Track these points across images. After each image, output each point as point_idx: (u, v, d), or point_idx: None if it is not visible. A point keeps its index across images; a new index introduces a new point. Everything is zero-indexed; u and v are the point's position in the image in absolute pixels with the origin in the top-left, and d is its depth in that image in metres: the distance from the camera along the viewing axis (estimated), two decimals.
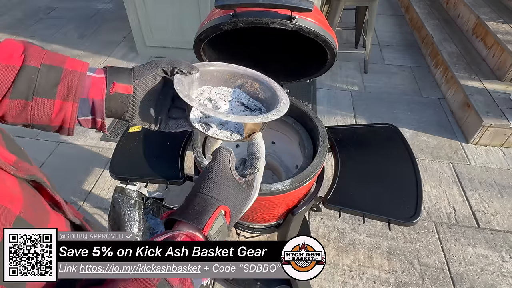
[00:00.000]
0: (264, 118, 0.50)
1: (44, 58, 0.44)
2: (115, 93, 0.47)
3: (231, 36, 0.92)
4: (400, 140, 1.05)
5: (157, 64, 0.50)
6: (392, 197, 0.89)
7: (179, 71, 0.50)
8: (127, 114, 0.49)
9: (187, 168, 1.05)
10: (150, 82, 0.50)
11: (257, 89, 0.59)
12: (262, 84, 0.59)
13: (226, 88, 0.59)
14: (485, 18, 2.48)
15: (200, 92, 0.57)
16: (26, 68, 0.42)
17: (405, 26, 3.43)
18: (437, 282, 1.38)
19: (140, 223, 0.92)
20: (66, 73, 0.45)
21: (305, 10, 0.73)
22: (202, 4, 2.43)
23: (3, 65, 0.42)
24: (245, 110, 0.57)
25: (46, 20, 3.56)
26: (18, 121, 0.45)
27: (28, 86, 0.42)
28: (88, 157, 1.97)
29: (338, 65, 2.78)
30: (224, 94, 0.58)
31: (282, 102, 0.55)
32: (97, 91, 0.46)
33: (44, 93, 0.43)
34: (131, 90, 0.48)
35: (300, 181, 0.77)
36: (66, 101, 0.45)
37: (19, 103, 0.43)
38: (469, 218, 1.61)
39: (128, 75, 0.48)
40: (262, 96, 0.59)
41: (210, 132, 0.52)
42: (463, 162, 1.91)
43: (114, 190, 0.93)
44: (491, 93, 2.10)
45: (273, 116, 0.51)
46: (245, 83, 0.60)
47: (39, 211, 0.35)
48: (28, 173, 0.34)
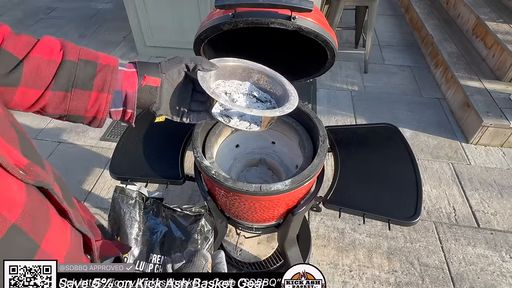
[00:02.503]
0: (281, 111, 0.56)
1: (81, 53, 0.48)
2: (145, 85, 0.51)
3: (231, 36, 0.92)
4: (400, 140, 1.05)
5: (182, 60, 0.54)
6: (392, 197, 0.89)
7: (201, 68, 0.54)
8: (154, 105, 0.53)
9: (187, 168, 1.05)
10: (176, 76, 0.54)
11: (266, 82, 0.65)
12: (271, 78, 0.64)
13: (237, 82, 0.64)
14: (485, 18, 2.48)
15: (216, 86, 0.62)
16: (66, 63, 0.46)
17: (405, 26, 3.43)
18: (437, 282, 1.38)
19: (140, 223, 0.92)
20: (101, 67, 0.48)
21: (305, 10, 0.73)
22: (202, 4, 2.43)
23: (45, 60, 0.44)
24: (257, 102, 0.63)
25: (46, 20, 3.56)
26: (57, 112, 0.48)
27: (68, 79, 0.46)
28: (88, 157, 1.97)
29: (338, 65, 2.78)
30: (236, 87, 0.63)
31: (292, 96, 0.60)
32: (130, 83, 0.50)
33: (82, 85, 0.47)
34: (159, 83, 0.52)
35: (300, 181, 0.77)
36: (102, 93, 0.48)
37: (60, 95, 0.46)
38: (469, 218, 1.61)
39: (156, 69, 0.52)
40: (271, 89, 0.65)
41: (231, 124, 0.57)
42: (463, 162, 1.91)
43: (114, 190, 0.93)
44: (491, 93, 2.10)
45: (287, 109, 0.57)
46: (255, 76, 0.65)
47: (39, 219, 0.34)
48: (37, 179, 0.35)
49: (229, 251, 1.33)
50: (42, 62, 0.44)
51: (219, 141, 1.03)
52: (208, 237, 0.92)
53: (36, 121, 2.22)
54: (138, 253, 0.90)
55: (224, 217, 1.01)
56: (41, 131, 2.16)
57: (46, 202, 0.37)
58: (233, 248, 1.33)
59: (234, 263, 1.31)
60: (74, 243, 0.42)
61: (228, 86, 0.63)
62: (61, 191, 0.41)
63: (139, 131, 1.10)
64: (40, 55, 0.44)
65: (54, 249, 0.36)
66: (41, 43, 0.45)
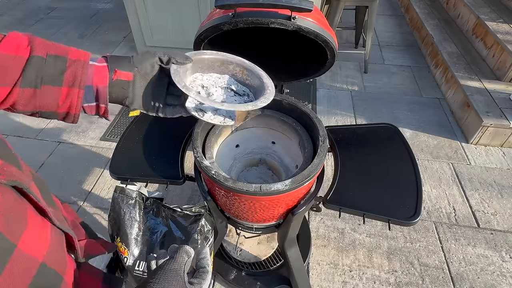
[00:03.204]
0: (253, 105, 0.56)
1: (49, 48, 0.47)
2: (117, 79, 0.50)
3: (231, 36, 0.92)
4: (400, 140, 1.05)
5: (155, 53, 0.53)
6: (392, 197, 0.89)
7: (175, 61, 0.54)
8: (127, 99, 0.53)
9: (187, 168, 1.05)
10: (149, 69, 0.53)
11: (245, 75, 0.64)
12: (250, 71, 0.64)
13: (216, 75, 0.64)
14: (485, 18, 2.48)
15: (193, 79, 0.61)
16: (33, 59, 0.45)
17: (405, 26, 3.43)
18: (437, 282, 1.38)
19: (140, 223, 0.92)
20: (71, 62, 0.47)
21: (305, 10, 0.73)
22: (202, 4, 2.43)
23: (11, 56, 0.44)
24: (235, 96, 0.62)
25: (46, 20, 3.56)
26: (28, 109, 0.47)
27: (36, 75, 0.45)
28: (88, 157, 1.97)
29: (338, 65, 2.78)
30: (214, 80, 0.63)
31: (269, 89, 0.60)
32: (101, 78, 0.49)
33: (52, 81, 0.46)
34: (132, 77, 0.51)
35: (300, 181, 0.77)
36: (72, 88, 0.47)
37: (29, 91, 0.45)
38: (469, 218, 1.61)
39: (128, 63, 0.52)
40: (249, 82, 0.64)
41: (205, 118, 0.57)
42: (463, 162, 1.91)
43: (114, 190, 0.93)
44: (491, 93, 2.10)
45: (261, 103, 0.56)
46: (234, 70, 0.64)
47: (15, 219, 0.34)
48: (10, 178, 0.34)
49: (229, 251, 1.33)
50: (7, 58, 0.43)
51: (219, 141, 1.03)
52: (208, 237, 0.92)
53: (36, 121, 2.22)
54: (138, 253, 0.90)
55: (224, 217, 1.01)
56: (41, 131, 2.16)
57: (22, 202, 0.37)
58: (233, 248, 1.33)
59: (234, 263, 1.31)
60: (55, 242, 0.42)
61: (206, 80, 0.62)
62: (39, 191, 0.40)
63: (139, 131, 1.10)
64: (5, 51, 0.43)
65: (32, 248, 0.35)
66: (6, 39, 0.44)
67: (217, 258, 1.32)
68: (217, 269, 1.30)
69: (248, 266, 1.30)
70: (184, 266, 0.45)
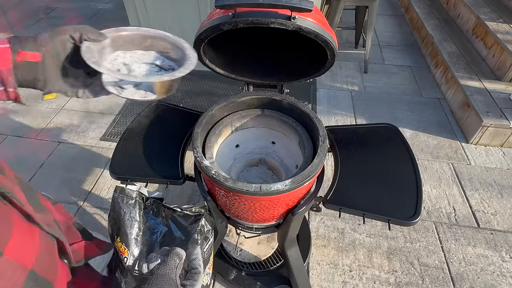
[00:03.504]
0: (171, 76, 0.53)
1: None
2: (23, 61, 0.46)
3: (231, 36, 0.92)
4: (400, 140, 1.05)
5: (65, 30, 0.49)
6: (392, 197, 0.89)
7: (87, 38, 0.50)
8: (39, 82, 0.49)
9: (187, 168, 1.05)
10: (60, 49, 0.49)
11: (169, 49, 0.62)
12: (174, 45, 0.62)
13: (140, 52, 0.61)
14: (485, 18, 2.48)
15: (114, 57, 0.58)
16: None
17: (405, 26, 3.43)
18: (437, 282, 1.38)
19: (140, 223, 0.92)
20: None
21: (305, 10, 0.73)
22: (202, 4, 2.43)
23: None
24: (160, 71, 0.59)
25: (46, 20, 3.56)
26: None
27: None
28: (88, 157, 1.97)
29: (338, 65, 2.78)
30: (138, 57, 0.60)
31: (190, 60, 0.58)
32: (3, 61, 0.45)
33: None
34: (40, 58, 0.47)
35: (300, 181, 0.77)
36: None
37: None
38: (469, 218, 1.61)
39: (34, 43, 0.47)
40: (174, 55, 0.62)
41: (124, 94, 0.55)
42: (463, 162, 1.91)
43: (114, 190, 0.92)
44: (491, 93, 2.10)
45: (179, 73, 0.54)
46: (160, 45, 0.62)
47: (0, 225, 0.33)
48: None
49: (229, 251, 1.33)
50: None
51: (219, 141, 1.03)
52: (208, 237, 0.92)
53: (36, 121, 2.22)
54: (138, 253, 0.90)
55: (224, 217, 1.01)
56: (41, 131, 2.16)
57: (7, 208, 0.36)
58: (233, 248, 1.33)
59: (234, 263, 1.31)
60: (44, 247, 0.40)
61: (130, 57, 0.59)
62: (24, 195, 0.40)
63: (139, 131, 1.10)
64: None
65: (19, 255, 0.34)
66: None
67: (217, 258, 1.32)
68: (217, 269, 1.30)
69: (248, 266, 1.30)
70: (176, 269, 0.45)
